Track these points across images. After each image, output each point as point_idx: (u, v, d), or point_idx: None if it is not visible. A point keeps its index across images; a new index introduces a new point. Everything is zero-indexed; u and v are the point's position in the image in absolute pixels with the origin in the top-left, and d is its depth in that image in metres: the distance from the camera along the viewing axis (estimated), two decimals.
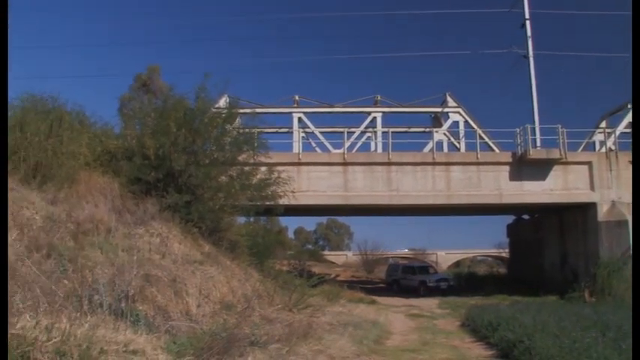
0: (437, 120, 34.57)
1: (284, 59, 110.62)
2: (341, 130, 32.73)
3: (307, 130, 33.18)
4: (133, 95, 43.25)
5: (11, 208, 11.06)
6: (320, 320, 15.46)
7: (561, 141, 28.93)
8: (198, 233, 15.72)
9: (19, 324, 6.68)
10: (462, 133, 32.69)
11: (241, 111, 21.01)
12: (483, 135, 31.49)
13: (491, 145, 31.54)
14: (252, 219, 21.86)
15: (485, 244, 78.97)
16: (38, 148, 14.41)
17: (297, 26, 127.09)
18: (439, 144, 32.12)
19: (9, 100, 16.04)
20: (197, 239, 15.45)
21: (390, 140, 30.89)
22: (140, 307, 9.73)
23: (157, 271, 11.39)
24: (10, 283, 8.16)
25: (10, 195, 11.68)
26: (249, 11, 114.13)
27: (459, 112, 32.63)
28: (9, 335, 6.07)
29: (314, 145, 33.73)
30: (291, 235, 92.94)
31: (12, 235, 10.02)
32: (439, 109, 33.98)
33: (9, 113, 15.78)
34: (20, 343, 6.12)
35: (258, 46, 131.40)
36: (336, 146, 31.72)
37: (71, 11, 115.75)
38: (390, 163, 30.17)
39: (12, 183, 12.61)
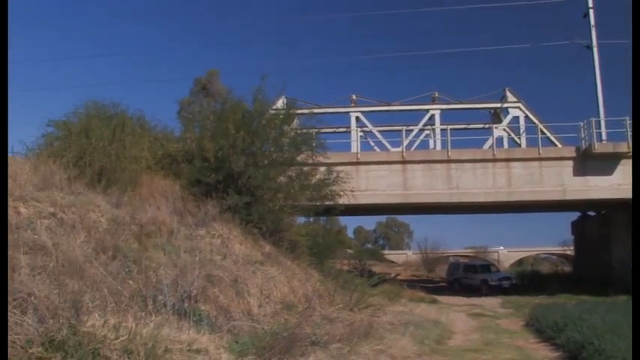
0: (496, 116, 34.01)
1: (341, 59, 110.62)
2: (399, 128, 32.56)
3: (365, 129, 33.13)
4: (192, 99, 43.94)
5: (79, 211, 11.42)
6: (381, 320, 15.38)
7: (629, 134, 27.97)
8: (259, 234, 15.84)
9: (89, 322, 6.88)
10: (522, 129, 32.07)
11: (299, 112, 21.12)
12: (545, 130, 30.82)
13: (554, 139, 30.84)
14: (311, 219, 21.91)
15: (548, 242, 76.80)
16: (102, 153, 14.79)
17: (354, 25, 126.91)
18: (499, 140, 31.59)
19: (75, 108, 16.64)
20: (257, 240, 15.57)
21: (449, 137, 30.58)
22: (203, 307, 9.87)
23: (219, 271, 11.54)
24: (79, 283, 8.43)
25: (78, 199, 12.07)
26: (306, 11, 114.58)
27: (519, 107, 32.06)
28: (82, 332, 6.24)
29: (372, 144, 33.67)
30: (350, 234, 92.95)
31: (80, 238, 10.33)
32: (498, 105, 33.45)
33: (75, 120, 16.33)
34: (91, 341, 6.31)
35: (315, 46, 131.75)
36: (395, 145, 31.60)
37: (132, 19, 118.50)
38: (449, 161, 29.86)
39: (79, 187, 13.00)
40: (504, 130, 32.53)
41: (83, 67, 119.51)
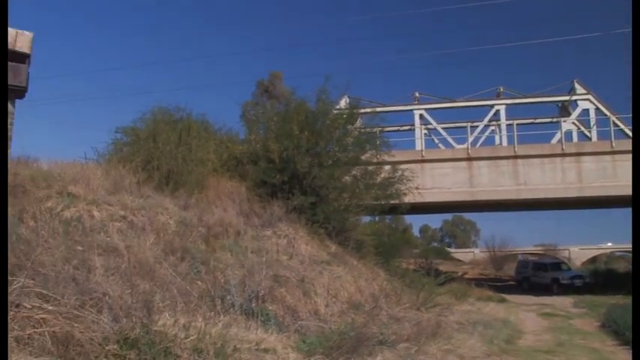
0: (564, 109, 33.11)
1: (404, 56, 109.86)
2: (464, 124, 32.13)
3: (429, 126, 32.83)
4: (255, 101, 44.38)
5: (148, 213, 11.70)
6: (448, 319, 15.19)
7: None
8: (325, 234, 15.87)
9: (160, 322, 7.05)
10: (592, 121, 31.13)
11: (362, 111, 21.09)
12: (618, 122, 29.80)
13: (628, 131, 29.79)
14: (377, 218, 21.83)
15: (624, 239, 74.28)
16: (169, 157, 15.12)
17: (416, 22, 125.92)
18: (568, 134, 30.76)
19: (143, 114, 17.07)
20: (323, 240, 15.60)
21: (516, 133, 29.96)
22: (270, 307, 9.95)
23: (286, 271, 11.62)
24: (150, 283, 8.64)
25: (147, 202, 12.37)
26: (366, 10, 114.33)
27: (588, 100, 31.14)
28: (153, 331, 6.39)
29: (437, 141, 33.34)
30: (416, 233, 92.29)
31: (150, 239, 10.58)
32: (567, 98, 32.56)
33: (142, 126, 16.75)
34: (162, 339, 6.46)
35: (377, 44, 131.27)
36: (460, 141, 31.19)
37: (194, 25, 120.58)
38: (516, 157, 29.26)
39: (148, 190, 13.32)
40: (573, 123, 31.64)
41: (150, 75, 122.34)
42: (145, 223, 11.36)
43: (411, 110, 33.16)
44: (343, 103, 21.52)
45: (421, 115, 32.54)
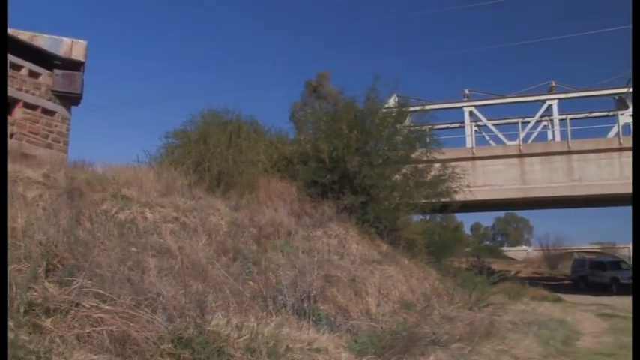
0: (621, 102, 32.19)
1: (452, 53, 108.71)
2: (515, 120, 31.68)
3: (479, 123, 32.43)
4: (304, 102, 44.52)
5: (200, 215, 11.86)
6: (502, 319, 14.97)
7: None
8: (375, 233, 15.83)
9: (213, 321, 7.14)
10: None
11: (411, 109, 20.96)
12: None
13: None
14: (427, 217, 21.65)
15: None
16: (220, 159, 15.30)
17: (464, 18, 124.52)
18: (626, 128, 29.92)
19: (193, 116, 17.34)
20: (374, 239, 15.56)
21: (569, 127, 29.33)
22: (321, 307, 9.97)
23: (337, 271, 11.62)
24: (203, 284, 8.75)
25: (198, 203, 12.55)
26: (414, 7, 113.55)
27: None
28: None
29: (487, 138, 32.92)
30: (467, 231, 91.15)
31: (202, 240, 10.71)
32: (624, 90, 31.66)
33: (193, 128, 16.99)
34: (215, 339, 6.55)
35: (425, 42, 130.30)
36: (511, 138, 30.76)
37: (243, 27, 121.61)
38: (569, 152, 28.65)
39: (199, 192, 13.51)
40: (631, 116, 30.79)
41: (200, 78, 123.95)
42: (197, 225, 11.51)
43: (461, 107, 32.82)
44: (392, 101, 21.41)
45: (471, 112, 32.19)
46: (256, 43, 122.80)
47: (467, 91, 33.87)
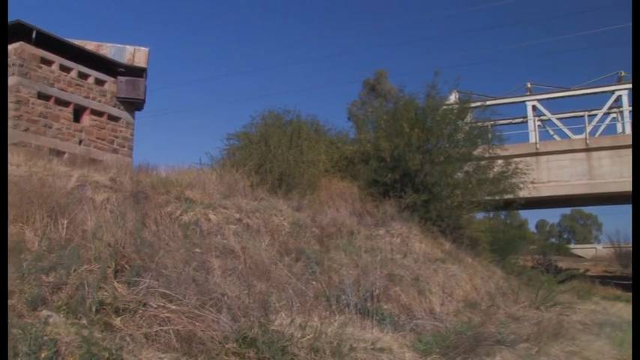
0: None
1: (513, 46, 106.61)
2: (581, 113, 30.81)
3: (543, 117, 31.69)
4: (362, 101, 44.45)
5: (262, 216, 11.98)
6: (571, 319, 14.53)
7: None
8: (438, 231, 15.66)
9: (277, 321, 7.21)
10: None
11: (472, 105, 20.65)
12: None
13: None
14: (491, 214, 21.30)
15: None
16: (281, 160, 15.41)
17: (524, 10, 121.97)
18: None
19: (253, 118, 17.55)
20: (437, 237, 15.39)
21: None
22: (385, 306, 9.93)
23: (400, 270, 11.55)
24: (266, 284, 8.83)
25: (261, 204, 12.67)
26: (472, 2, 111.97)
27: None
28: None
29: (552, 132, 32.15)
30: (532, 228, 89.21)
31: (265, 241, 10.82)
32: None
33: (253, 130, 17.17)
34: (279, 339, 6.60)
35: (485, 36, 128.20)
36: (577, 132, 29.93)
37: (299, 29, 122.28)
38: None
39: (261, 193, 13.64)
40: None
41: (258, 79, 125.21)
42: (259, 225, 11.63)
43: (524, 102, 32.11)
44: (453, 97, 21.15)
45: (534, 106, 31.46)
46: (313, 44, 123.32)
47: (529, 85, 33.15)
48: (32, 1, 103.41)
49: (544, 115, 31.68)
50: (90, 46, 26.17)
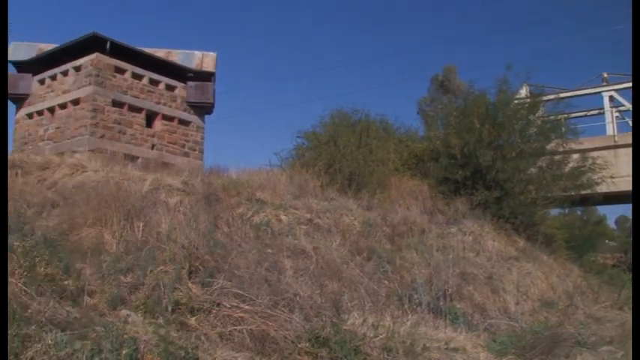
0: None
1: (586, 35, 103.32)
2: None
3: (622, 108, 30.56)
4: (431, 97, 43.98)
5: (333, 215, 12.01)
6: None
7: None
8: (511, 229, 15.34)
9: (349, 321, 7.22)
10: None
11: (545, 98, 20.12)
12: None
13: None
14: (566, 210, 20.72)
15: None
16: (351, 159, 15.43)
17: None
18: None
19: (322, 118, 17.63)
20: (510, 235, 15.08)
21: None
22: (458, 305, 9.80)
23: (473, 269, 11.38)
24: (338, 284, 8.85)
25: (331, 204, 12.71)
26: None
27: None
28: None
29: (631, 124, 30.98)
30: (612, 225, 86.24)
31: (336, 241, 10.85)
32: None
33: (322, 130, 17.25)
34: (352, 338, 6.60)
35: (556, 27, 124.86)
36: None
37: (363, 27, 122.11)
38: None
39: (331, 193, 13.69)
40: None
41: (325, 79, 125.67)
42: (330, 225, 11.67)
43: (600, 93, 31.04)
44: (524, 91, 20.66)
45: (611, 97, 30.33)
46: (379, 42, 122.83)
47: (605, 75, 32.00)
48: (106, 14, 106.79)
49: (623, 105, 30.54)
50: (160, 53, 26.82)
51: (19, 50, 25.91)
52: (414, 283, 9.79)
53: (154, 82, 25.45)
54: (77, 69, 23.65)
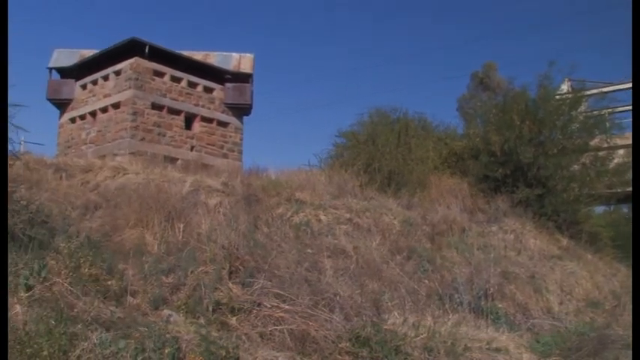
0: None
1: (625, 27, 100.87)
2: None
3: None
4: (471, 94, 43.53)
5: (372, 215, 11.98)
6: None
7: None
8: (554, 227, 15.10)
9: (390, 321, 7.20)
10: None
11: (587, 93, 19.73)
12: None
13: None
14: (612, 208, 20.31)
15: None
16: (389, 158, 15.36)
17: None
18: None
19: (360, 117, 17.60)
20: (553, 233, 14.84)
21: None
22: (499, 305, 9.69)
23: (514, 268, 11.24)
24: (378, 283, 8.84)
25: (370, 203, 12.68)
26: None
27: None
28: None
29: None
30: None
31: (375, 240, 10.83)
32: None
33: (360, 129, 17.22)
34: (392, 338, 6.58)
35: (598, 18, 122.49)
36: None
37: (399, 25, 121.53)
38: None
39: (370, 192, 13.65)
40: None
41: (363, 78, 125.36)
42: (370, 225, 11.65)
43: None
44: (565, 87, 20.29)
45: None
46: (417, 39, 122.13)
47: None
48: (145, 19, 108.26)
49: None
50: (197, 56, 27.06)
51: (62, 57, 26.42)
52: (455, 282, 9.71)
53: (192, 85, 25.70)
54: (117, 73, 24.03)
